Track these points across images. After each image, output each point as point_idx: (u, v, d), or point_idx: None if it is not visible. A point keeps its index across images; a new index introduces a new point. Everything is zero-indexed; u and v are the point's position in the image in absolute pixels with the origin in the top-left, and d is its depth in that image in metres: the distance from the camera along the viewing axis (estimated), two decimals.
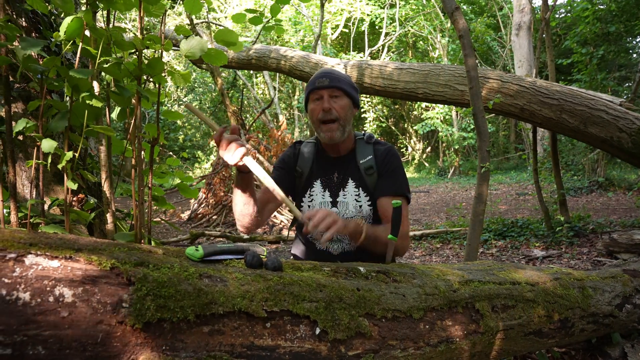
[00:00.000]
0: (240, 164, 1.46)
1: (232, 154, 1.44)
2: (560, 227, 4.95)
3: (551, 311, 1.66)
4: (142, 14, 1.54)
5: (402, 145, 19.09)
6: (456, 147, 14.41)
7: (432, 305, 1.38)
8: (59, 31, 1.49)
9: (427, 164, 17.19)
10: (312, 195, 1.88)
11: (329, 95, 1.78)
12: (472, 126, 14.21)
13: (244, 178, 1.62)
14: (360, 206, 1.84)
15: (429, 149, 18.82)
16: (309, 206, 1.87)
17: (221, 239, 5.78)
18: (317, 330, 1.16)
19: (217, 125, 1.46)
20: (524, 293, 1.62)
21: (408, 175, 16.12)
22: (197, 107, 17.99)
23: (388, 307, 1.29)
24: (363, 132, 1.97)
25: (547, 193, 7.26)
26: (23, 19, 2.12)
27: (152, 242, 1.67)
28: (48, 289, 0.95)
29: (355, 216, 1.83)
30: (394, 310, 1.29)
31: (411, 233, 5.84)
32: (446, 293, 1.44)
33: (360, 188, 1.85)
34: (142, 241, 1.59)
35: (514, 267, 1.78)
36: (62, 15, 2.38)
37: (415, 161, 18.18)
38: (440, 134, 14.83)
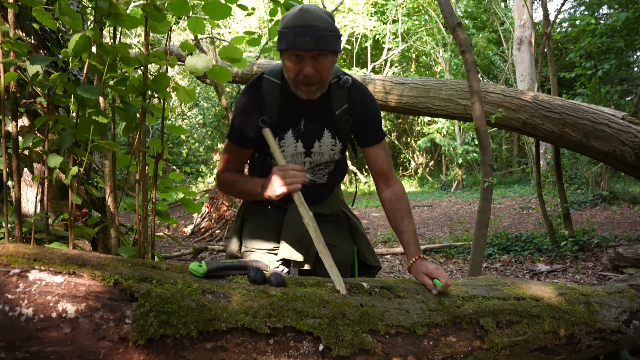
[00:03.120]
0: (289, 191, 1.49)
1: (288, 182, 1.48)
2: (565, 241, 4.92)
3: (557, 327, 1.65)
4: (147, 31, 1.56)
5: (405, 160, 19.10)
6: (459, 161, 14.41)
7: (436, 321, 1.37)
8: (66, 48, 1.51)
9: (430, 178, 17.17)
10: (282, 147, 1.71)
11: (313, 56, 1.51)
12: (476, 140, 14.22)
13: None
14: (334, 153, 1.78)
15: (432, 163, 18.82)
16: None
17: (224, 253, 5.77)
18: (321, 347, 1.15)
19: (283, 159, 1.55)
20: (528, 308, 1.61)
21: (411, 189, 16.12)
22: (200, 121, 18.10)
23: (392, 323, 1.28)
24: (339, 74, 1.73)
25: (551, 207, 7.23)
26: (32, 37, 2.15)
27: (155, 257, 1.67)
28: (51, 304, 0.95)
29: (327, 161, 1.78)
30: (397, 326, 1.29)
31: None
32: (450, 309, 1.43)
33: (337, 137, 1.76)
34: (146, 256, 1.59)
35: (518, 282, 1.77)
36: (70, 32, 2.42)
37: (419, 175, 18.17)
38: (443, 148, 14.85)
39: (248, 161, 1.82)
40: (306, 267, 1.79)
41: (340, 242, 1.87)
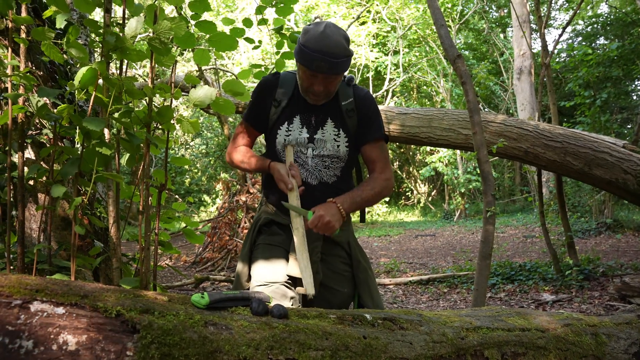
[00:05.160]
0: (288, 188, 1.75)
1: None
2: (570, 271, 4.87)
3: (564, 359, 1.62)
4: (153, 65, 1.59)
5: (407, 189, 19.09)
6: (462, 190, 14.40)
7: (439, 353, 1.35)
8: (73, 80, 1.54)
9: (432, 207, 17.13)
10: (290, 130, 1.86)
11: (325, 77, 1.73)
12: (478, 169, 14.21)
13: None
14: (338, 146, 1.86)
15: (434, 192, 18.79)
16: (284, 139, 1.86)
17: (226, 283, 5.72)
18: None
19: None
20: (534, 340, 1.58)
21: (413, 218, 16.06)
22: (203, 150, 18.23)
23: (395, 355, 1.26)
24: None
25: (555, 235, 7.19)
26: (41, 70, 2.20)
27: (157, 288, 1.66)
28: (52, 336, 0.94)
29: (331, 155, 1.86)
30: (400, 358, 1.27)
31: (417, 277, 5.76)
32: (454, 340, 1.41)
33: (341, 129, 1.87)
34: (148, 287, 1.58)
35: (523, 313, 1.74)
36: (77, 65, 2.47)
37: (421, 204, 18.12)
38: (445, 177, 14.86)
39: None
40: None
41: (343, 284, 1.88)
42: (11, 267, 1.60)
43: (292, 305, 1.76)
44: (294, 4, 2.20)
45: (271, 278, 1.79)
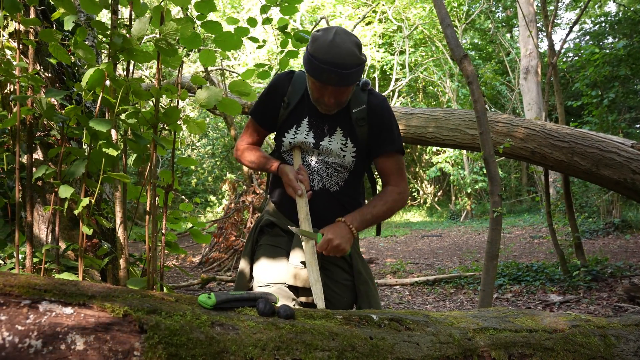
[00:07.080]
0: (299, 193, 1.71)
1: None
2: (577, 271, 4.83)
3: None
4: (160, 66, 1.60)
5: (413, 190, 19.05)
6: (468, 190, 14.35)
7: (446, 354, 1.35)
8: (80, 81, 1.55)
9: (439, 208, 17.08)
10: (297, 133, 1.78)
11: (335, 89, 1.62)
12: (485, 170, 14.15)
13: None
14: (344, 156, 1.76)
15: (440, 192, 18.74)
16: (290, 142, 1.78)
17: (232, 283, 5.73)
18: None
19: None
20: (541, 341, 1.57)
21: (419, 219, 16.01)
22: (209, 151, 18.28)
23: (402, 356, 1.26)
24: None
25: (562, 236, 7.15)
26: (49, 71, 2.22)
27: (164, 288, 1.67)
28: (60, 336, 0.95)
29: (336, 163, 1.78)
30: (407, 359, 1.26)
31: (423, 278, 5.74)
32: (461, 341, 1.40)
33: (349, 138, 1.77)
34: (155, 287, 1.59)
35: (530, 314, 1.73)
36: (84, 67, 2.49)
37: (427, 205, 18.08)
38: (451, 177, 14.82)
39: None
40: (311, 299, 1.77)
41: (343, 293, 1.84)
42: (20, 267, 1.62)
43: (294, 306, 1.76)
44: (298, 4, 2.20)
45: (274, 279, 1.78)
